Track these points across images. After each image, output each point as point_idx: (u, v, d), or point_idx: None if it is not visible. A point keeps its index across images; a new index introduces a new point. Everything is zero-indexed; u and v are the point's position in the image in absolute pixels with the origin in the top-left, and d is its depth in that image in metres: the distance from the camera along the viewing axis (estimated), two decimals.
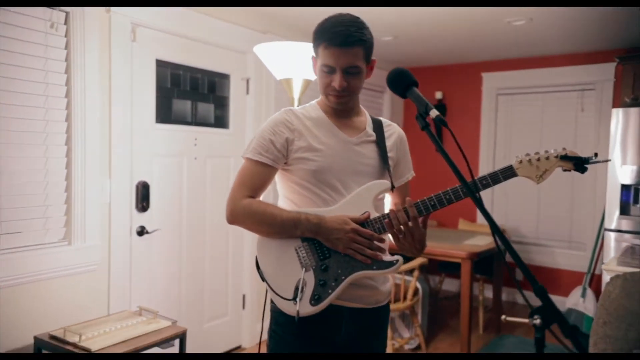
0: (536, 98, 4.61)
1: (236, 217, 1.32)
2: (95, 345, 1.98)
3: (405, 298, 3.24)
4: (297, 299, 1.27)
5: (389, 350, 3.17)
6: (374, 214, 1.31)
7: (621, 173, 3.57)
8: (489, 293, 4.50)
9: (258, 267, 1.35)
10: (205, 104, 3.15)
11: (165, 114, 2.90)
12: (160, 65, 2.84)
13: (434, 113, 1.21)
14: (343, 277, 1.27)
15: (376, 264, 1.28)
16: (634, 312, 1.83)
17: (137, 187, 2.71)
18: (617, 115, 3.59)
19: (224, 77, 3.26)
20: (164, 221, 2.84)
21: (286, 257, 1.30)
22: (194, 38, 2.97)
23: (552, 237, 4.56)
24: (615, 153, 3.59)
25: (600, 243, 3.92)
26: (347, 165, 1.35)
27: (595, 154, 1.24)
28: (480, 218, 4.89)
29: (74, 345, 1.99)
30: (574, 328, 1.00)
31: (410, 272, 3.22)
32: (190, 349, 2.77)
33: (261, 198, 1.38)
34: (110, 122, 2.54)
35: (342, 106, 1.38)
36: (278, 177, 1.40)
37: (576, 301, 4.03)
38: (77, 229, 2.39)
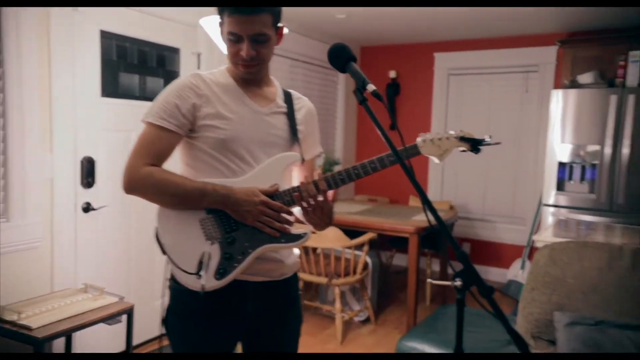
0: (485, 79, 4.76)
1: (135, 186, 1.24)
2: (36, 322, 1.95)
3: (355, 272, 3.33)
4: (202, 273, 1.22)
5: (338, 322, 3.27)
6: (283, 187, 1.29)
7: (559, 151, 3.78)
8: (436, 266, 4.69)
9: (158, 239, 1.28)
10: (155, 78, 3.08)
11: (111, 88, 2.81)
12: (106, 36, 2.74)
13: (370, 88, 1.25)
14: (250, 250, 1.25)
15: (285, 237, 1.27)
16: (557, 279, 1.98)
17: (82, 162, 2.63)
18: (557, 96, 3.77)
19: (174, 51, 3.18)
20: (111, 197, 2.78)
21: (190, 229, 1.25)
22: (141, 10, 2.87)
23: (497, 213, 4.78)
24: (554, 132, 3.79)
25: (539, 218, 4.15)
26: (257, 135, 1.32)
27: (489, 136, 1.32)
28: (430, 195, 5.05)
29: (12, 323, 1.95)
30: (490, 289, 1.08)
31: (359, 247, 3.31)
32: (138, 325, 2.75)
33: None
34: (51, 95, 2.44)
35: (251, 76, 1.34)
36: (181, 144, 1.32)
37: (516, 273, 4.27)
38: (16, 205, 2.31)
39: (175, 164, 1.36)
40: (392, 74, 5.11)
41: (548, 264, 2.05)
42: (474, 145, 1.34)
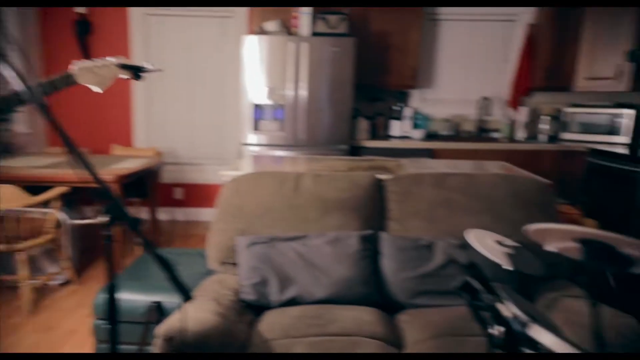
0: (184, 22, 4.69)
1: None
2: None
3: (44, 233, 2.94)
4: None
5: (24, 291, 2.86)
6: None
7: (254, 94, 4.08)
8: (145, 214, 4.59)
9: None
10: None
11: None
12: None
13: None
14: None
15: None
16: (239, 207, 2.17)
17: None
18: (250, 42, 4.01)
19: None
20: None
21: None
22: None
23: (205, 156, 4.94)
24: (248, 76, 4.05)
25: (239, 156, 4.48)
26: None
27: (151, 64, 1.40)
28: (137, 142, 4.82)
29: None
30: (136, 221, 1.08)
31: (46, 204, 2.91)
32: None
33: None
34: None
35: None
36: None
37: None
38: None
39: None
40: (81, 9, 4.51)
41: (232, 196, 2.22)
42: (136, 72, 1.37)
